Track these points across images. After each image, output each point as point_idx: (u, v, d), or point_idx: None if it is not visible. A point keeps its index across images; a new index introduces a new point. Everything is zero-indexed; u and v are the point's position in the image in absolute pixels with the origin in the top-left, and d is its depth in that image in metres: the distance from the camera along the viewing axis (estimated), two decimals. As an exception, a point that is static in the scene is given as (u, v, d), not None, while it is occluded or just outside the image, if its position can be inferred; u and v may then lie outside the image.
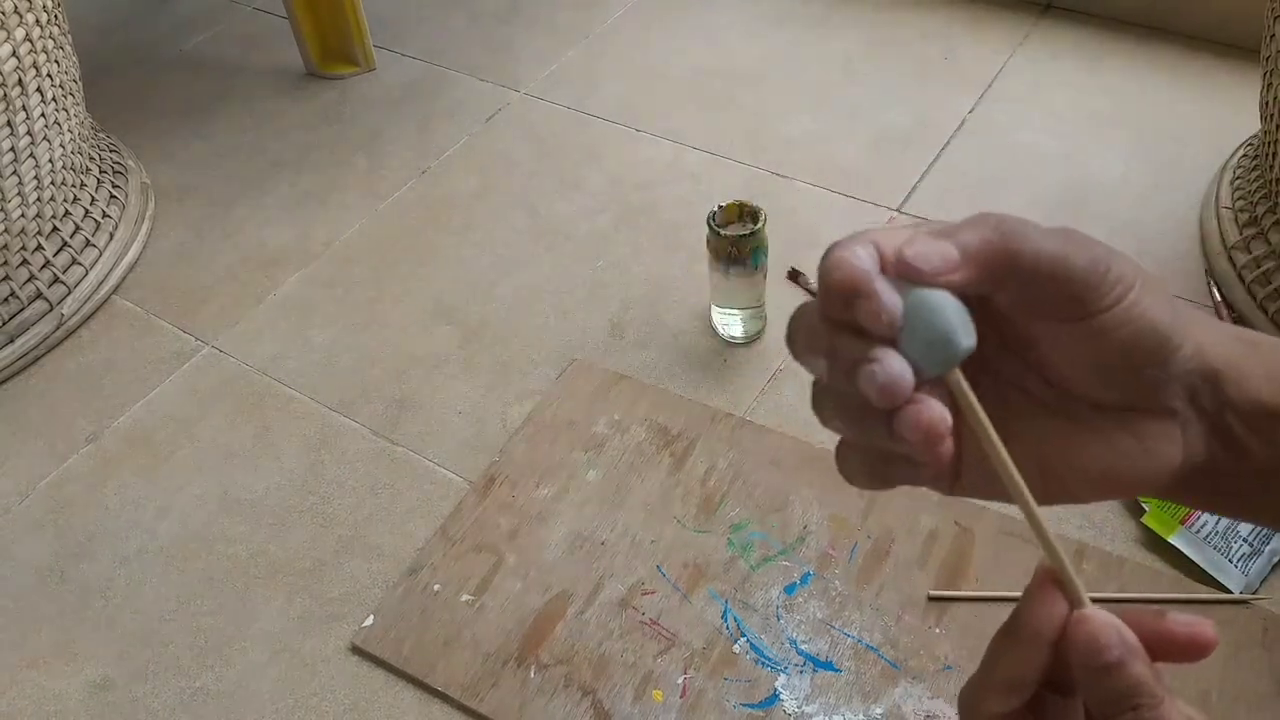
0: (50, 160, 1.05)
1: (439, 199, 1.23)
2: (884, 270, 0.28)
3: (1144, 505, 0.84)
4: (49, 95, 1.03)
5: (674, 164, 1.24)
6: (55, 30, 1.05)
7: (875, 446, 0.30)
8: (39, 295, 1.07)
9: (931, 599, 0.80)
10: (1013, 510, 0.85)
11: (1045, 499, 0.30)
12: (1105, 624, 0.27)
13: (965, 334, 0.28)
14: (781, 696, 0.75)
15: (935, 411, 0.27)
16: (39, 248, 1.08)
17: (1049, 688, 0.29)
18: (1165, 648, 0.28)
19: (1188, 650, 0.28)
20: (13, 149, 0.99)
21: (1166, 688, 0.27)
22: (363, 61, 1.43)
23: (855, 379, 0.28)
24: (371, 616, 0.82)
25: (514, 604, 0.82)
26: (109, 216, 1.17)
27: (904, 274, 0.28)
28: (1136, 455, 0.30)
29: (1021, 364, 0.31)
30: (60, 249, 1.10)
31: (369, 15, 1.41)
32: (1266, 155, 1.00)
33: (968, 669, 0.75)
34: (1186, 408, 0.30)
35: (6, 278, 1.05)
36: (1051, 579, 0.29)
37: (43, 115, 1.02)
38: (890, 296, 0.27)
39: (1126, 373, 0.29)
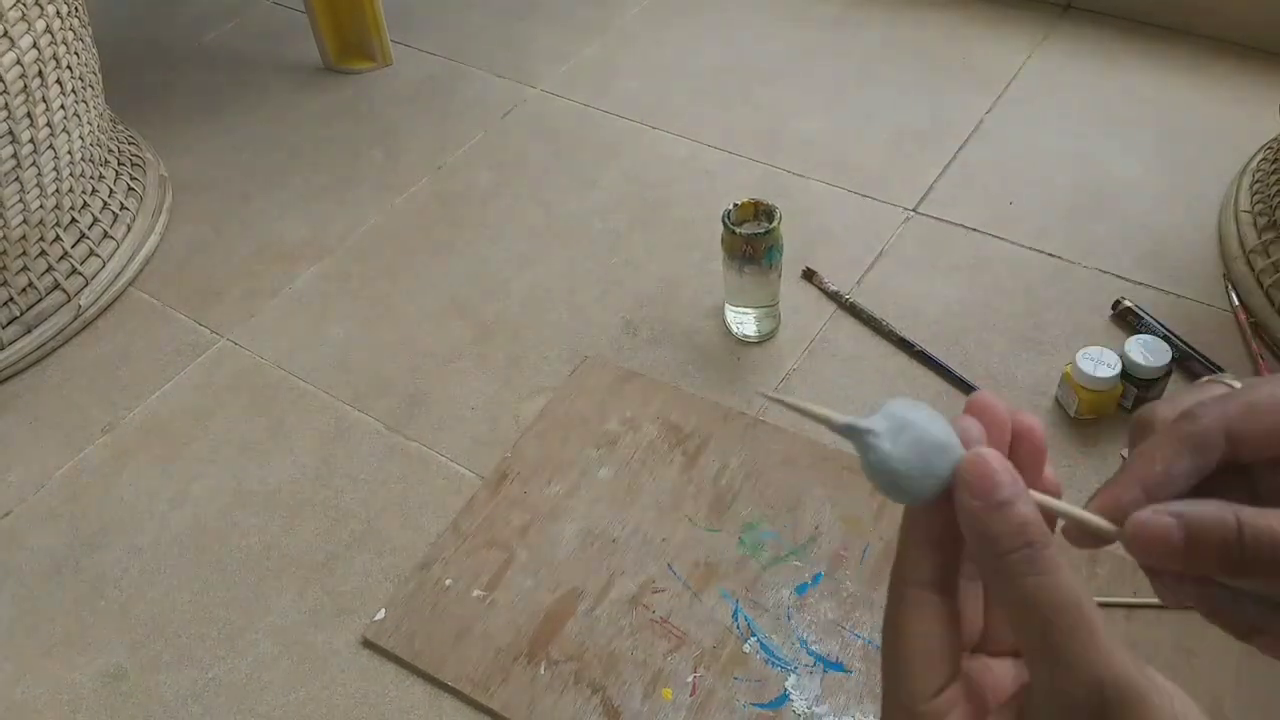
0: (69, 152, 1.06)
1: (454, 194, 1.23)
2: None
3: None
4: (68, 87, 1.04)
5: (689, 161, 1.24)
6: (75, 23, 1.06)
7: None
8: (56, 286, 1.08)
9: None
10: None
11: None
12: (997, 460, 0.26)
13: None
14: (791, 697, 0.75)
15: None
16: (57, 239, 1.08)
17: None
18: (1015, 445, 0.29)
19: (1025, 440, 0.29)
20: (32, 140, 1.00)
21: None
22: (380, 57, 1.43)
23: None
24: (383, 610, 0.83)
25: (525, 600, 0.82)
26: (126, 209, 1.17)
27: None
28: None
29: None
30: (78, 240, 1.11)
31: (386, 10, 1.41)
32: (1287, 159, 1.00)
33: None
34: None
35: (24, 269, 1.06)
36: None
37: (62, 107, 1.03)
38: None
39: None
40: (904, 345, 1.00)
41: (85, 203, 1.12)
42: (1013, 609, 0.25)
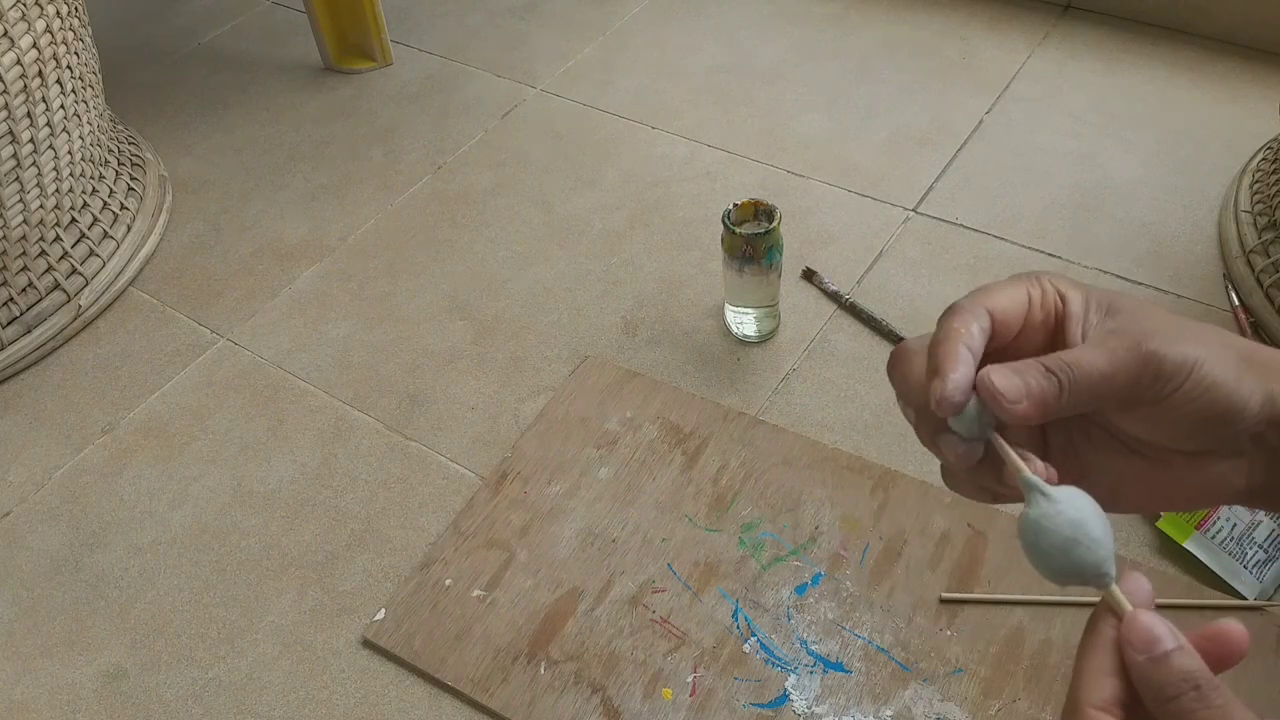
0: (69, 152, 1.06)
1: (454, 194, 1.23)
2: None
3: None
4: (68, 87, 1.04)
5: (689, 161, 1.24)
6: (75, 22, 1.06)
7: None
8: (56, 286, 1.08)
9: (943, 601, 0.79)
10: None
11: (1110, 510, 0.34)
12: (1156, 620, 0.30)
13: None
14: (791, 697, 0.75)
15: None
16: (57, 239, 1.08)
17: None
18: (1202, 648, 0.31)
19: (1221, 648, 0.31)
20: (32, 140, 1.00)
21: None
22: (380, 57, 1.43)
23: (937, 444, 0.35)
24: (383, 610, 0.83)
25: (525, 600, 0.82)
26: (126, 209, 1.17)
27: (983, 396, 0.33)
28: (1204, 486, 0.34)
29: (1101, 428, 0.36)
30: (78, 240, 1.11)
31: (387, 10, 1.41)
32: (1287, 159, 1.00)
33: (979, 671, 0.75)
34: (1255, 449, 0.33)
35: (24, 269, 1.06)
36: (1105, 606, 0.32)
37: (62, 107, 1.03)
38: (962, 389, 0.33)
39: (1196, 434, 0.33)
40: (904, 345, 1.00)
41: (85, 203, 1.12)
42: None
